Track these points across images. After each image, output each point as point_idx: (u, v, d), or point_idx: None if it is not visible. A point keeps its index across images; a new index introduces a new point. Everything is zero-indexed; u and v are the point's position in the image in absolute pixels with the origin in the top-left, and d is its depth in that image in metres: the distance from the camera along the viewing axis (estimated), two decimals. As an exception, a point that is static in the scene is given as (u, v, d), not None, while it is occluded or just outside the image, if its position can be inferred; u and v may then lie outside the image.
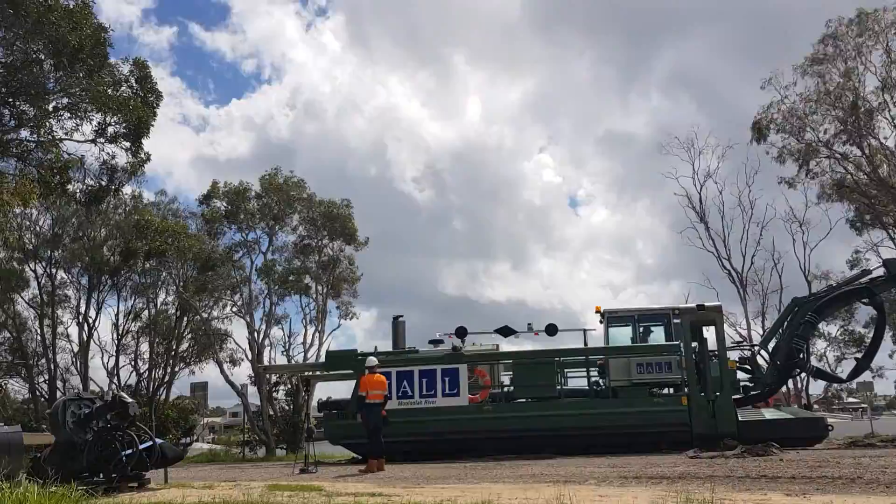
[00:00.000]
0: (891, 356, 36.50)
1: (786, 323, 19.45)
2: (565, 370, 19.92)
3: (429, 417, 18.06)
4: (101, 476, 8.90)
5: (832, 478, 8.67)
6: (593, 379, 19.28)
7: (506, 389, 19.73)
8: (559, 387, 19.23)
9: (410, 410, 18.05)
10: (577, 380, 20.19)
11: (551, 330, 19.51)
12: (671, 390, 18.72)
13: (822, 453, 14.41)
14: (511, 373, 20.11)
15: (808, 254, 33.32)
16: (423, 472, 12.81)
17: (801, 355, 19.05)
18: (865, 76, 28.87)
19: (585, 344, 19.18)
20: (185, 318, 37.94)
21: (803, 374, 22.66)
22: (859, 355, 35.60)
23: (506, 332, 19.68)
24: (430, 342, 20.56)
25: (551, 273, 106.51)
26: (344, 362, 19.83)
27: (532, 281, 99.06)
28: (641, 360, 18.45)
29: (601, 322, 19.92)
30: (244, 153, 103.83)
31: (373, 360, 15.17)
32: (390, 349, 20.27)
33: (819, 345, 33.51)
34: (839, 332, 35.69)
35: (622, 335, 19.99)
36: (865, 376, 36.28)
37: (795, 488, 7.76)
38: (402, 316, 20.70)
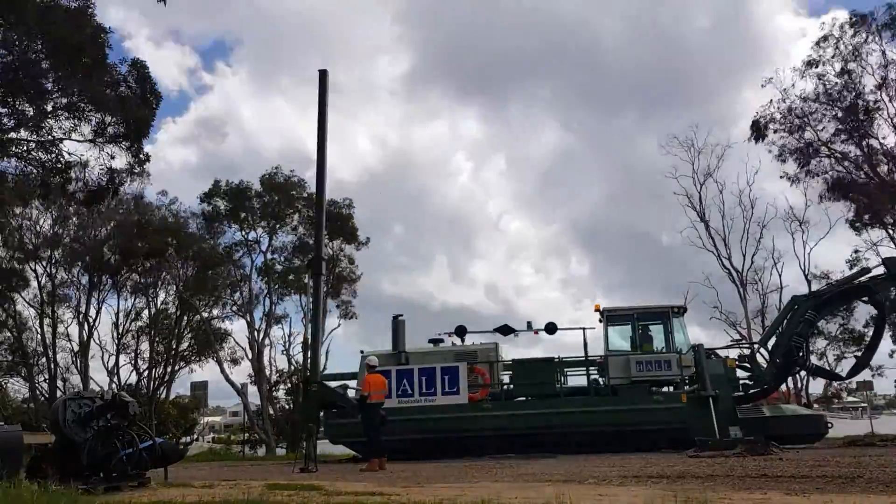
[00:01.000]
0: (891, 355, 36.52)
1: (785, 321, 19.45)
2: (565, 369, 19.91)
3: (428, 416, 18.05)
4: (101, 475, 8.90)
5: (832, 477, 8.66)
6: (593, 377, 19.28)
7: (505, 388, 19.72)
8: (559, 385, 19.23)
9: (410, 409, 18.04)
10: (577, 378, 20.19)
11: (551, 328, 19.53)
12: (671, 388, 18.73)
13: (821, 452, 14.41)
14: (511, 371, 20.10)
15: (808, 253, 33.39)
16: (422, 471, 12.80)
17: (801, 353, 19.06)
18: (864, 76, 29.01)
19: (585, 343, 19.23)
20: (185, 318, 37.98)
21: (803, 372, 22.62)
22: (859, 354, 35.63)
23: (505, 330, 19.74)
24: (430, 341, 20.57)
25: (488, 280, 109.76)
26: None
27: (471, 288, 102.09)
28: (641, 359, 18.47)
29: (600, 321, 19.92)
30: (179, 167, 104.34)
31: (374, 360, 15.15)
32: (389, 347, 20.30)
33: (819, 344, 33.53)
34: (839, 331, 35.70)
35: (621, 334, 19.98)
36: (865, 375, 36.23)
37: (795, 487, 7.75)
38: (402, 315, 20.70)
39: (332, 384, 17.92)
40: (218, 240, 37.10)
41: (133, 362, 37.69)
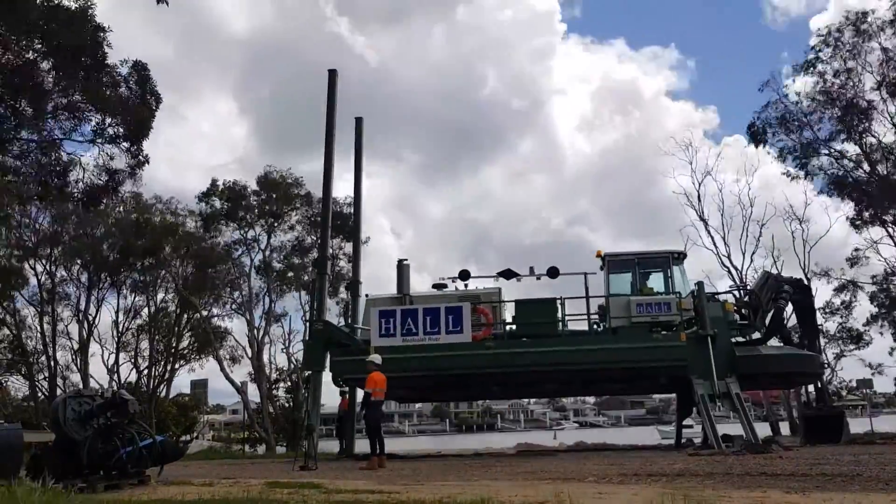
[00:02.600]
0: (890, 353, 36.56)
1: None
2: (566, 314, 19.82)
3: (432, 354, 18.13)
4: (101, 473, 8.92)
5: (831, 475, 8.68)
6: (593, 320, 19.28)
7: (508, 328, 19.77)
8: (561, 327, 19.23)
9: (414, 347, 18.13)
10: (578, 324, 20.13)
11: (553, 273, 19.60)
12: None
13: (821, 451, 14.43)
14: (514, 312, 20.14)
15: (808, 251, 33.41)
16: (422, 469, 12.84)
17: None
18: (863, 75, 29.04)
19: (586, 288, 19.23)
20: (185, 316, 37.99)
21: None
22: (857, 352, 35.56)
23: (508, 274, 19.89)
24: (434, 286, 20.69)
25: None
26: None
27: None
28: (641, 300, 18.58)
29: (602, 268, 19.95)
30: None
31: (378, 358, 15.15)
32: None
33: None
34: (837, 330, 35.77)
35: (622, 280, 20.01)
36: (865, 373, 36.32)
37: (794, 486, 7.76)
38: (406, 259, 20.91)
39: None
40: (216, 238, 37.11)
41: (133, 360, 37.73)
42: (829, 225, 33.45)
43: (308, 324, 17.13)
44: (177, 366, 38.99)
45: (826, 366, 19.20)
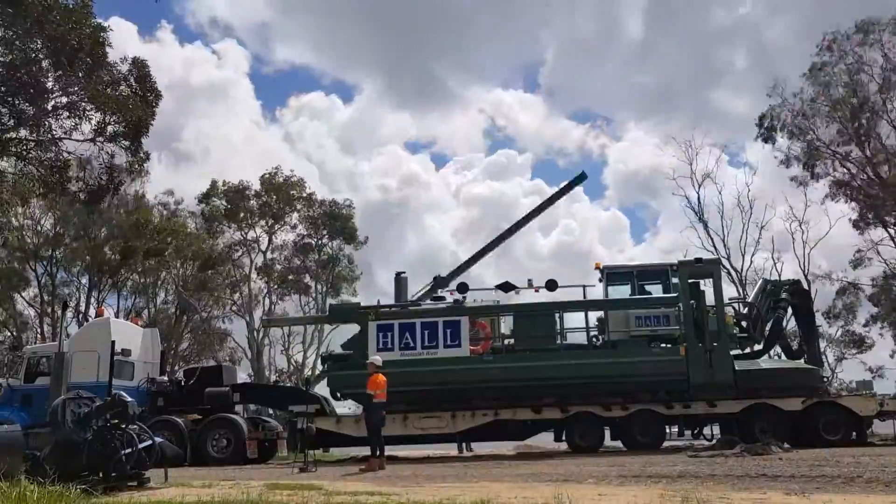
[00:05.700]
0: (891, 356, 36.55)
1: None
2: (565, 327, 19.69)
3: (430, 368, 18.06)
4: (101, 475, 8.89)
5: (831, 476, 8.66)
6: (592, 334, 19.22)
7: (506, 341, 19.69)
8: (559, 340, 19.16)
9: (412, 361, 18.06)
10: (577, 334, 20.01)
11: (551, 285, 19.54)
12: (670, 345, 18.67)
13: (821, 452, 14.41)
14: (512, 322, 20.03)
15: (808, 253, 33.45)
16: (422, 471, 12.82)
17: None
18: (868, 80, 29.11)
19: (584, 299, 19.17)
20: (185, 317, 38.00)
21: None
22: (860, 355, 35.53)
23: (506, 287, 19.79)
24: (433, 298, 20.61)
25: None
26: (347, 315, 19.89)
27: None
28: (640, 314, 18.50)
29: (601, 280, 19.89)
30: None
31: (378, 359, 15.09)
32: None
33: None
34: (839, 334, 35.75)
35: (621, 292, 19.94)
36: (866, 375, 36.34)
37: (795, 487, 7.75)
38: (404, 272, 20.78)
39: None
40: (217, 239, 37.12)
41: (133, 362, 37.68)
42: (829, 226, 33.23)
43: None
44: (176, 367, 38.96)
45: (825, 380, 19.06)
